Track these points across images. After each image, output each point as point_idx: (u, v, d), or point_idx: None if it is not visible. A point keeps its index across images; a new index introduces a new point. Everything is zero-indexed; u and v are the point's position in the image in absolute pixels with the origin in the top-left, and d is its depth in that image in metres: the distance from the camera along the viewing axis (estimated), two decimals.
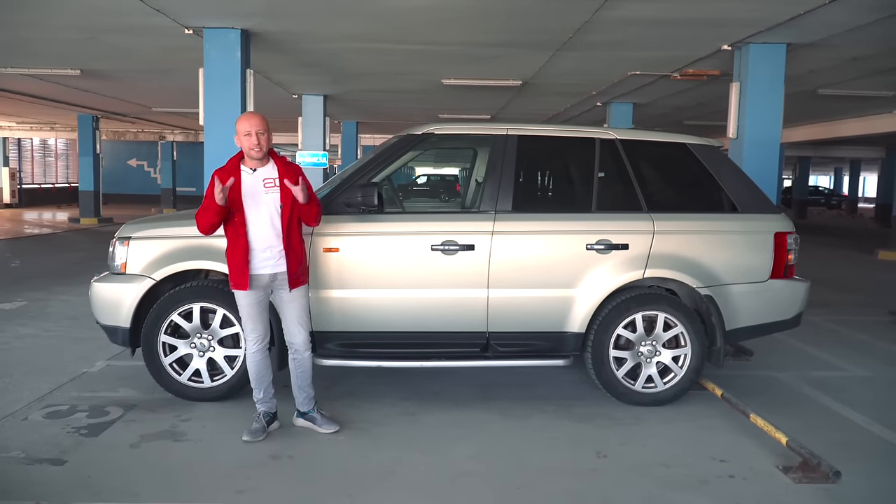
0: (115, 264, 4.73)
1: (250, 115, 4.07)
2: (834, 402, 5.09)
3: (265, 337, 4.18)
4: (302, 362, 4.25)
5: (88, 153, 20.73)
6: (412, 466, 3.85)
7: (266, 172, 4.09)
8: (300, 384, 4.28)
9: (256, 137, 3.98)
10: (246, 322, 4.14)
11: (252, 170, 4.08)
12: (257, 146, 3.99)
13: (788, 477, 3.76)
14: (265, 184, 4.06)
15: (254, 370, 4.19)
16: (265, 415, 4.23)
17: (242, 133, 4.00)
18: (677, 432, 4.42)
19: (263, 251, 4.06)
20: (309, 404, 4.32)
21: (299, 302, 4.19)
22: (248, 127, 3.99)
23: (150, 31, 8.22)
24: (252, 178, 4.07)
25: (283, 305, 4.19)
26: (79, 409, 4.58)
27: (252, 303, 4.09)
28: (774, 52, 8.09)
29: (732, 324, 4.88)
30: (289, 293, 4.13)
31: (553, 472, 3.82)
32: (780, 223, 5.00)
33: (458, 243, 4.65)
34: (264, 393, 4.23)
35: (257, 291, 4.09)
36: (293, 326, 4.20)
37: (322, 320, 4.60)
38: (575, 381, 5.42)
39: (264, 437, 4.14)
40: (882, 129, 16.43)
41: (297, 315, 4.18)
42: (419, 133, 4.92)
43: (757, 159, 8.11)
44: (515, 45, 8.69)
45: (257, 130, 3.98)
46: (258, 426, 4.17)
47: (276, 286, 4.14)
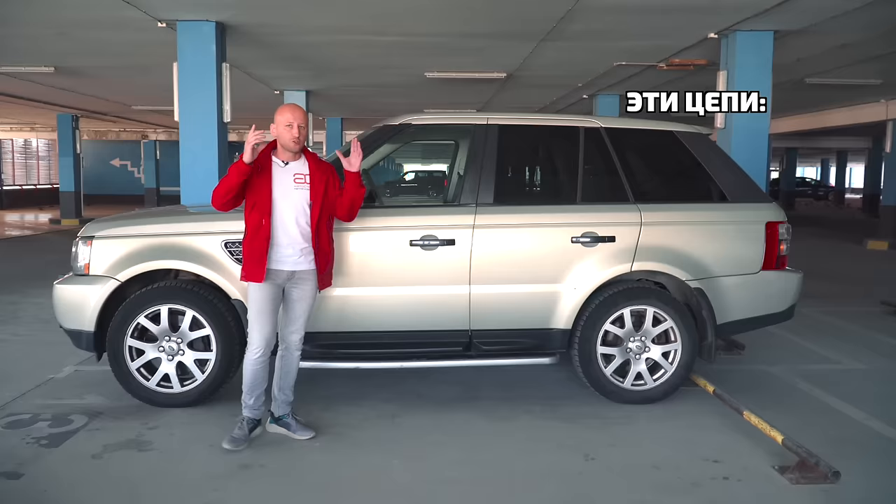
0: (78, 265, 4.51)
1: (295, 107, 3.89)
2: (829, 396, 4.94)
3: (270, 342, 3.96)
4: (290, 362, 4.07)
5: (68, 153, 20.44)
6: (392, 474, 3.66)
7: (297, 168, 3.92)
8: (282, 385, 4.07)
9: (298, 130, 3.82)
10: (253, 319, 3.91)
11: (284, 162, 3.91)
12: (297, 139, 3.83)
13: (785, 477, 3.59)
14: (295, 179, 3.89)
15: (250, 377, 3.96)
16: (249, 422, 4.00)
17: (283, 123, 3.82)
18: (668, 432, 4.25)
19: (286, 247, 3.88)
20: (285, 409, 4.11)
21: (307, 302, 4.01)
22: (291, 118, 3.82)
23: (122, 24, 7.98)
24: (283, 172, 3.89)
25: (291, 302, 4.00)
26: (41, 417, 4.35)
27: (265, 297, 3.89)
28: (762, 39, 7.93)
29: (724, 317, 4.71)
30: (306, 291, 3.97)
31: (539, 477, 3.63)
32: (772, 212, 4.83)
33: (438, 238, 4.46)
34: (255, 400, 4.01)
35: (272, 287, 3.90)
36: (293, 324, 4.02)
37: (311, 320, 4.39)
38: (562, 380, 5.24)
39: (246, 446, 3.91)
40: (869, 118, 16.34)
41: (303, 313, 4.02)
42: (396, 124, 4.72)
43: (745, 149, 7.93)
44: (498, 35, 8.50)
45: (300, 123, 3.83)
46: (240, 434, 3.93)
47: (293, 284, 3.96)
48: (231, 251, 4.37)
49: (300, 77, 12.28)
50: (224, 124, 8.06)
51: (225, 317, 4.43)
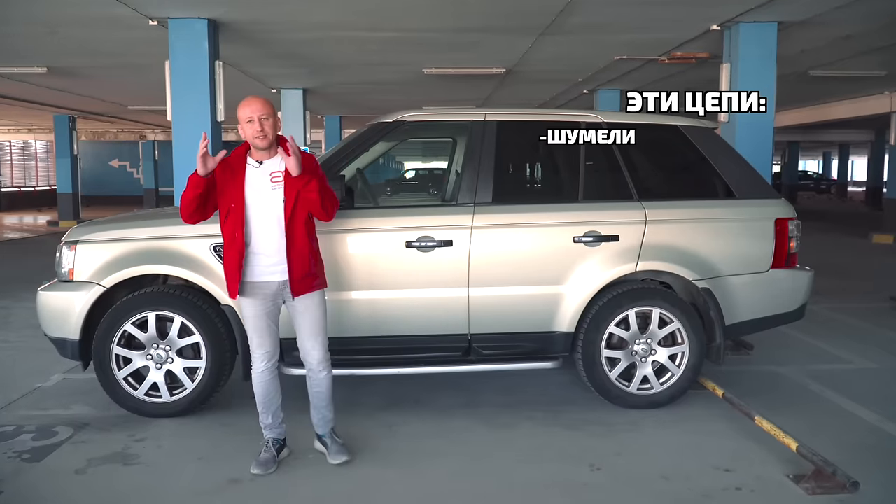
0: (63, 271, 4.35)
1: (251, 100, 3.50)
2: (841, 398, 4.77)
3: (274, 354, 3.66)
4: (318, 382, 3.71)
5: (66, 154, 20.30)
6: (388, 487, 3.49)
7: (274, 165, 3.55)
8: (315, 404, 3.76)
9: (259, 123, 3.44)
10: (251, 336, 3.63)
11: (258, 162, 3.55)
12: (261, 133, 3.45)
13: (800, 487, 3.42)
14: (272, 178, 3.53)
15: (261, 392, 3.66)
16: (274, 442, 3.72)
17: (244, 120, 3.47)
18: (677, 438, 4.08)
19: (269, 255, 3.53)
20: (324, 428, 3.80)
21: (312, 313, 3.63)
22: (248, 112, 3.45)
23: (113, 23, 7.82)
24: (258, 173, 3.54)
25: (297, 317, 3.65)
26: (25, 429, 4.19)
27: (257, 314, 3.58)
28: (765, 31, 7.75)
29: (732, 318, 4.55)
30: (299, 302, 3.60)
31: (543, 488, 3.47)
32: (781, 208, 4.66)
33: (435, 239, 4.29)
34: (272, 418, 3.72)
35: (264, 302, 3.58)
36: (306, 341, 3.65)
37: (289, 327, 4.22)
38: (565, 384, 5.07)
39: (275, 469, 3.64)
40: (873, 110, 16.17)
41: (310, 328, 3.63)
42: (390, 121, 4.55)
43: (749, 143, 7.76)
44: (496, 30, 8.33)
45: (260, 115, 3.44)
46: (268, 456, 3.66)
47: (287, 296, 3.61)
48: (220, 255, 4.20)
49: (296, 75, 12.12)
50: (218, 124, 7.91)
51: (215, 323, 4.27)
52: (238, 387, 4.66)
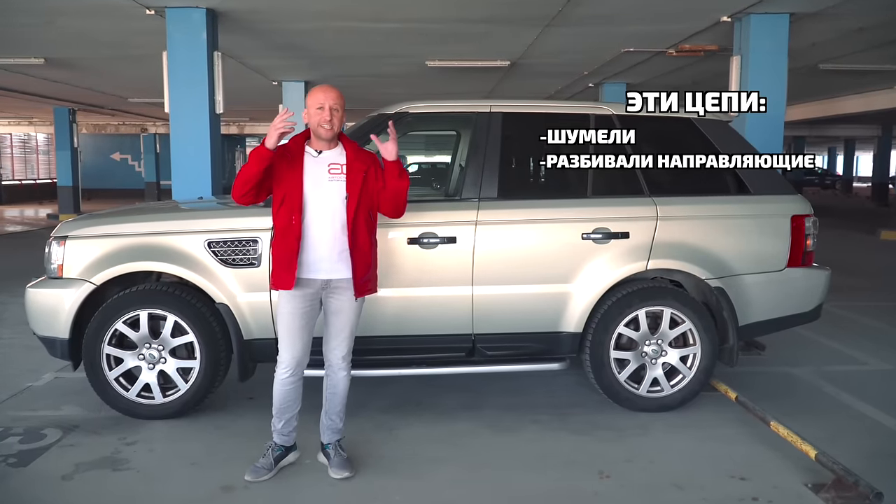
0: (52, 267, 4.20)
1: (326, 88, 3.38)
2: (858, 401, 4.61)
3: (303, 361, 3.46)
4: (335, 382, 3.55)
5: (66, 147, 20.12)
6: (387, 495, 3.34)
7: (333, 157, 3.41)
8: (328, 409, 3.58)
9: (329, 113, 3.31)
10: (282, 336, 3.43)
11: (317, 152, 3.40)
12: (328, 123, 3.31)
13: (820, 497, 3.27)
14: (330, 170, 3.38)
15: (280, 399, 3.47)
16: (276, 448, 3.54)
17: (314, 107, 3.33)
18: (689, 444, 3.92)
19: (320, 250, 3.37)
20: (331, 437, 3.60)
21: (351, 314, 3.49)
22: (321, 99, 3.32)
23: (110, 12, 7.66)
24: (316, 163, 3.39)
25: (330, 315, 3.49)
26: (13, 431, 4.04)
27: (294, 312, 3.39)
28: (777, 22, 7.55)
29: (746, 318, 4.39)
30: (344, 302, 3.44)
31: (547, 498, 3.32)
32: (797, 205, 4.50)
33: (438, 235, 4.13)
34: (284, 425, 3.53)
35: (304, 299, 3.39)
36: (334, 339, 3.50)
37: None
38: (571, 385, 4.91)
39: (271, 476, 3.47)
40: (882, 105, 15.96)
41: (344, 326, 3.49)
42: (391, 112, 4.40)
43: (760, 138, 7.58)
44: (501, 21, 8.14)
45: (331, 105, 3.32)
46: (265, 462, 3.48)
47: (328, 293, 3.45)
48: (215, 251, 4.05)
49: (297, 67, 11.92)
50: (217, 116, 7.73)
51: (209, 322, 4.12)
52: (233, 388, 4.52)
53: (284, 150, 3.38)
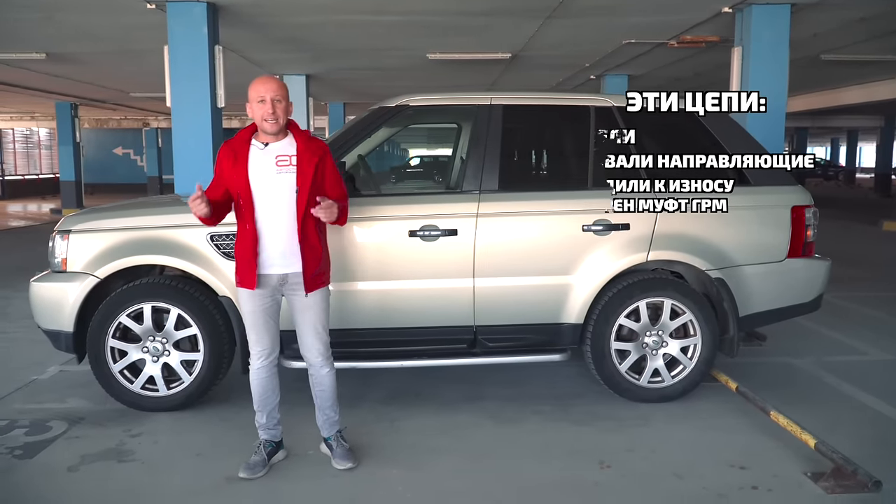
0: (56, 261, 4.23)
1: (265, 79, 3.31)
2: (859, 391, 4.63)
3: (273, 350, 3.47)
4: (320, 380, 3.51)
5: (68, 142, 20.15)
6: (389, 486, 3.37)
7: (281, 148, 3.33)
8: (320, 405, 3.56)
9: (271, 105, 3.23)
10: (249, 332, 3.44)
11: (263, 144, 3.33)
12: (272, 115, 3.24)
13: (819, 486, 3.29)
14: (278, 161, 3.31)
15: (257, 390, 3.47)
16: (267, 444, 3.53)
17: (255, 100, 3.26)
18: (689, 434, 3.95)
19: (276, 245, 3.32)
20: (329, 430, 3.60)
21: (315, 309, 3.44)
22: (262, 92, 3.25)
23: (110, 7, 7.67)
24: (262, 155, 3.32)
25: (296, 313, 3.46)
26: (19, 424, 4.08)
27: (257, 309, 3.38)
28: (778, 13, 7.53)
29: (746, 309, 4.40)
30: (304, 298, 3.40)
31: (550, 488, 3.34)
32: (798, 196, 4.51)
33: (440, 228, 4.15)
34: (268, 418, 3.52)
35: (263, 296, 3.38)
36: (307, 338, 3.46)
37: (288, 319, 4.09)
38: (573, 376, 4.93)
39: (265, 472, 3.45)
40: (884, 95, 15.90)
41: (313, 324, 3.44)
42: (392, 105, 4.40)
43: (761, 130, 7.54)
44: (502, 13, 8.13)
45: (273, 97, 3.24)
46: (258, 459, 3.47)
47: (288, 290, 3.42)
48: (217, 244, 4.07)
49: (299, 60, 11.92)
50: (218, 110, 7.74)
51: (213, 314, 4.14)
52: (237, 380, 4.53)
53: (229, 150, 3.36)
